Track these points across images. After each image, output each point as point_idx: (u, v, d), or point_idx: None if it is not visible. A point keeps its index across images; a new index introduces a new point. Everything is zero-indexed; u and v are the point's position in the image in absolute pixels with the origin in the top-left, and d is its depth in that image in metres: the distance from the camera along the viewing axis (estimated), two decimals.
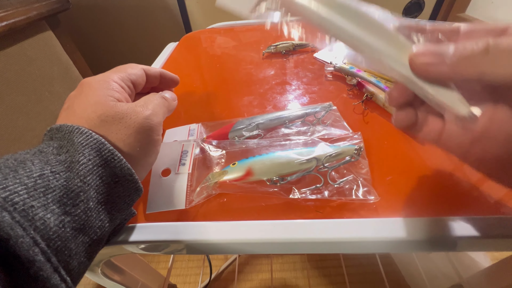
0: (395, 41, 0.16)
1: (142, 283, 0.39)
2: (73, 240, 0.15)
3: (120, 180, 0.18)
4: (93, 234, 0.16)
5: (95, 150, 0.17)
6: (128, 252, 0.23)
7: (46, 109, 0.68)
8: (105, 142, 0.18)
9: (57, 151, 0.17)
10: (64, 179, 0.15)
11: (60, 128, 0.18)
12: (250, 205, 0.22)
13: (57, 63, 0.73)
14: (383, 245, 0.20)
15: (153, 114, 0.22)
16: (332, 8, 0.17)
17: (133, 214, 0.21)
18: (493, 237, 0.19)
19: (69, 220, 0.15)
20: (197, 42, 0.55)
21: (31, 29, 0.65)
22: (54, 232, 0.14)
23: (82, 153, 0.17)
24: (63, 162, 0.16)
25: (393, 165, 0.24)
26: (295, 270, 0.67)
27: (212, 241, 0.20)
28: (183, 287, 0.51)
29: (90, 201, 0.16)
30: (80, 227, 0.15)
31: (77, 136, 0.17)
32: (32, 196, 0.14)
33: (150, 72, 0.28)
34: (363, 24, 0.16)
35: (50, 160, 0.16)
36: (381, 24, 0.16)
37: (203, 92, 0.38)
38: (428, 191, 0.22)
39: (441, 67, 0.14)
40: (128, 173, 0.18)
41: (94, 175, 0.17)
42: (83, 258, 0.16)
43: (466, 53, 0.13)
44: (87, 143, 0.17)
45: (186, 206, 0.22)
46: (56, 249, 0.14)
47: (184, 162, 0.25)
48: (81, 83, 0.22)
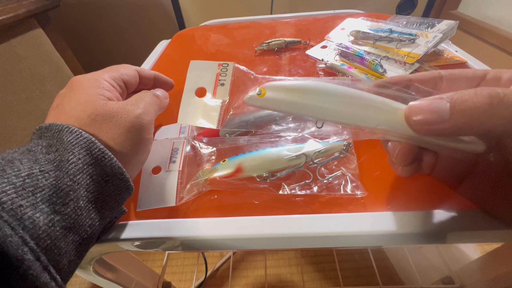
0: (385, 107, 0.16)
1: (136, 281, 0.39)
2: (63, 239, 0.15)
3: (111, 179, 0.18)
4: (83, 232, 0.16)
5: (85, 149, 0.17)
6: (120, 249, 0.23)
7: (37, 108, 0.67)
8: (95, 141, 0.18)
9: (46, 150, 0.17)
10: (53, 178, 0.15)
11: (50, 127, 0.18)
12: (240, 202, 0.22)
13: (48, 62, 0.72)
14: (370, 238, 0.20)
15: (144, 112, 0.22)
16: (305, 96, 0.17)
17: (123, 212, 0.21)
18: (481, 229, 0.19)
19: (58, 219, 0.15)
20: (190, 39, 0.54)
21: (20, 27, 0.64)
22: (43, 231, 0.14)
23: (71, 152, 0.16)
24: (52, 161, 0.16)
25: (381, 161, 0.25)
26: (290, 266, 0.68)
27: (204, 237, 0.20)
28: (179, 285, 0.51)
29: (80, 200, 0.16)
30: (70, 226, 0.15)
31: (67, 135, 0.17)
32: (20, 196, 0.14)
33: (144, 74, 0.27)
34: (346, 101, 0.16)
35: (39, 159, 0.16)
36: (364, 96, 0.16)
37: None
38: (415, 186, 0.23)
39: (441, 125, 0.14)
40: (119, 172, 0.18)
41: (84, 174, 0.17)
42: (73, 256, 0.16)
43: (467, 107, 0.13)
44: (76, 142, 0.17)
45: (177, 203, 0.22)
46: (45, 248, 0.14)
47: (174, 159, 0.25)
48: (71, 81, 0.22)
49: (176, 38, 0.55)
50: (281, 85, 0.17)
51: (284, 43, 0.45)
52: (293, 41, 0.46)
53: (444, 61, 0.38)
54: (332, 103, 0.16)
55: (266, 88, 0.18)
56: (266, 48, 0.45)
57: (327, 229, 0.20)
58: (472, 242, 0.21)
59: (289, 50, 0.46)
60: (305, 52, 0.44)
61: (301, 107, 0.17)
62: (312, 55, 0.43)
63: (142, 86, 0.28)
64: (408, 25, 0.39)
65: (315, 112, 0.17)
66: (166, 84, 0.30)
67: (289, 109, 0.17)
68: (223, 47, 0.49)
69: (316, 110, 0.17)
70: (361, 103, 0.16)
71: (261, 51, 0.46)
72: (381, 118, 0.16)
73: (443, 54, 0.39)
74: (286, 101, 0.17)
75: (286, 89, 0.17)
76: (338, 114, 0.16)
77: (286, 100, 0.17)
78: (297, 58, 0.43)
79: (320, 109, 0.16)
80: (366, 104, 0.16)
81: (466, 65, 0.37)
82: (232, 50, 0.48)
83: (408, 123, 0.15)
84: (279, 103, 0.17)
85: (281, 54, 0.45)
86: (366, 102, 0.16)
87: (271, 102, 0.18)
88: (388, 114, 0.16)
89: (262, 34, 0.52)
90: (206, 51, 0.49)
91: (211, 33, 0.56)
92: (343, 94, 0.16)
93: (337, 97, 0.16)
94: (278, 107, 0.17)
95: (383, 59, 0.37)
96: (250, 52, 0.46)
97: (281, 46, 0.45)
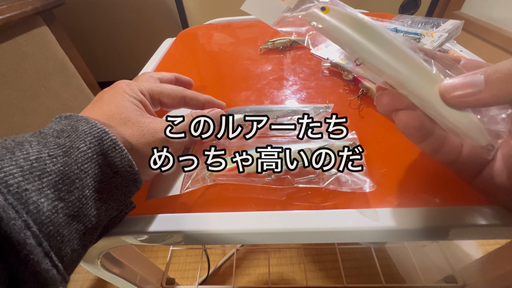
0: (422, 70, 0.16)
1: (141, 277, 0.39)
2: (66, 226, 0.15)
3: (120, 171, 0.18)
4: (88, 222, 0.16)
5: (97, 138, 0.17)
6: (127, 243, 0.23)
7: (42, 105, 0.68)
8: (109, 132, 0.18)
9: (57, 134, 0.17)
10: (61, 164, 0.15)
11: (70, 116, 0.18)
12: (246, 196, 0.23)
13: (52, 59, 0.72)
14: (375, 234, 0.21)
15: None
16: (363, 32, 0.17)
17: (133, 207, 0.22)
18: (485, 226, 0.19)
19: (62, 206, 0.15)
20: (194, 38, 0.55)
21: (26, 24, 0.65)
22: (46, 217, 0.14)
23: (83, 140, 0.17)
24: (61, 146, 0.16)
25: (388, 158, 0.25)
26: (292, 264, 0.68)
27: (209, 231, 0.21)
28: (182, 282, 0.51)
29: (86, 189, 0.16)
30: (73, 214, 0.15)
31: (83, 125, 0.18)
32: (27, 179, 0.14)
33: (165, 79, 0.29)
34: (392, 49, 0.17)
35: (49, 143, 0.16)
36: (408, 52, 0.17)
37: (200, 87, 0.38)
38: (421, 182, 0.23)
39: (477, 95, 0.14)
40: (128, 164, 0.18)
41: (93, 163, 0.17)
42: (77, 246, 0.16)
43: (502, 74, 0.14)
44: (90, 132, 0.17)
45: (181, 192, 0.22)
46: (48, 234, 0.14)
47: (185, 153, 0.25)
48: (115, 85, 0.24)
49: (181, 37, 0.55)
50: (347, 14, 0.17)
51: (289, 42, 0.45)
52: (298, 39, 0.46)
53: None
54: (386, 51, 0.17)
55: (331, 9, 0.18)
56: (271, 46, 0.45)
57: (334, 224, 0.20)
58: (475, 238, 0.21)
59: (294, 49, 0.46)
60: (310, 51, 0.44)
61: (357, 43, 0.17)
62: (317, 54, 0.43)
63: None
64: (413, 25, 0.39)
65: (367, 52, 0.17)
66: (188, 85, 0.32)
67: (344, 39, 0.17)
68: (227, 46, 0.50)
69: (369, 52, 0.17)
70: (409, 62, 0.16)
71: (265, 49, 0.46)
72: (419, 83, 0.16)
73: (448, 53, 0.39)
74: (344, 31, 0.17)
75: (350, 19, 0.17)
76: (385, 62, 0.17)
77: (344, 30, 0.17)
78: (302, 57, 0.43)
79: (372, 52, 0.17)
80: (412, 65, 0.16)
81: None
82: (237, 49, 0.48)
83: (443, 99, 0.15)
84: (338, 30, 0.17)
85: (286, 53, 0.45)
86: (413, 63, 0.16)
87: (330, 26, 0.17)
88: (428, 82, 0.16)
89: (266, 33, 0.52)
90: (211, 50, 0.49)
91: (215, 32, 0.56)
92: (398, 47, 0.17)
93: (392, 47, 0.17)
94: (334, 32, 0.17)
95: None
96: (255, 51, 0.46)
97: (286, 45, 0.45)
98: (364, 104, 0.32)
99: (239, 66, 0.43)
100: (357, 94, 0.32)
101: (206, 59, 0.47)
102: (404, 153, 0.25)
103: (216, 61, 0.45)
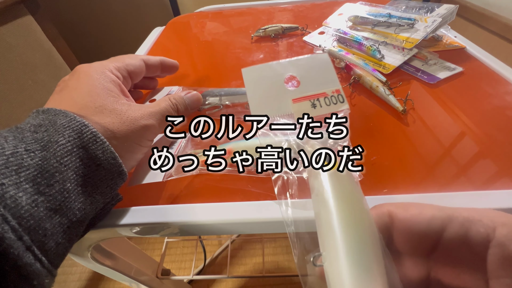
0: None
1: (136, 269, 0.39)
2: (48, 220, 0.15)
3: (102, 163, 0.18)
4: (72, 215, 0.16)
5: (77, 131, 0.17)
6: (117, 235, 0.23)
7: (30, 98, 0.66)
8: (88, 124, 0.17)
9: (35, 128, 0.16)
10: (39, 158, 0.15)
11: (48, 110, 0.18)
12: (234, 187, 0.22)
13: (39, 50, 0.70)
14: None
15: (154, 125, 0.22)
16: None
17: (119, 199, 0.21)
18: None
19: (42, 200, 0.15)
20: (185, 26, 0.53)
21: (8, 13, 0.62)
22: (26, 211, 0.14)
23: (62, 134, 0.16)
24: (39, 140, 0.16)
25: (378, 146, 0.25)
26: (287, 253, 0.69)
27: (202, 222, 0.21)
28: (178, 273, 0.52)
29: (68, 183, 0.16)
30: (55, 207, 0.15)
31: (61, 119, 0.17)
32: (2, 174, 0.13)
33: (150, 62, 0.28)
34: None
35: (26, 138, 0.16)
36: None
37: (191, 77, 0.37)
38: (411, 170, 0.23)
39: None
40: (111, 156, 0.18)
41: (73, 156, 0.16)
42: (61, 239, 0.16)
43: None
44: (69, 125, 0.17)
45: (164, 179, 0.22)
46: (28, 228, 0.14)
47: (173, 146, 0.25)
48: (77, 70, 0.22)
49: (171, 25, 0.53)
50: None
51: (281, 29, 0.44)
52: (291, 27, 0.45)
53: (443, 46, 0.37)
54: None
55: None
56: (262, 34, 0.44)
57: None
58: None
59: (286, 37, 0.45)
60: (302, 38, 0.43)
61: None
62: (309, 41, 0.42)
63: (149, 73, 0.28)
64: (407, 10, 0.38)
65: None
66: (173, 68, 0.31)
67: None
68: (219, 34, 0.48)
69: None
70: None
71: (257, 37, 0.45)
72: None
73: (442, 39, 0.39)
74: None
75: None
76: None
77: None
78: (294, 45, 0.42)
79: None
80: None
81: (465, 51, 0.37)
82: (228, 37, 0.47)
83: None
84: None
85: (278, 40, 0.44)
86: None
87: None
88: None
89: (258, 20, 0.51)
90: (202, 39, 0.48)
91: (206, 20, 0.55)
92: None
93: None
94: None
95: (381, 45, 0.36)
96: (246, 39, 0.45)
97: (278, 33, 0.44)
98: (356, 92, 0.31)
99: (230, 54, 0.42)
100: (349, 82, 0.32)
101: (197, 48, 0.45)
102: (395, 141, 0.25)
103: (207, 50, 0.44)
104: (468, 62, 0.35)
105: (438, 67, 0.33)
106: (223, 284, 0.67)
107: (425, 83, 0.32)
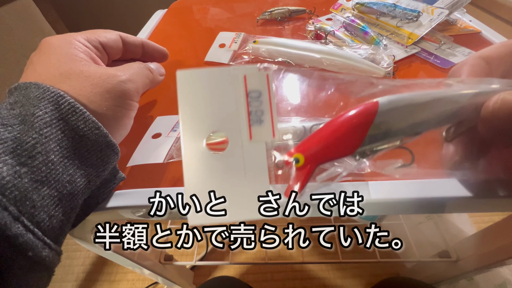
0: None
1: (139, 254, 0.40)
2: (35, 191, 0.15)
3: (86, 134, 0.17)
4: (62, 187, 0.16)
5: (53, 103, 0.16)
6: (120, 218, 0.22)
7: None
8: (64, 95, 0.17)
9: (11, 106, 0.16)
10: (17, 131, 0.15)
11: (18, 86, 0.17)
12: None
13: (39, 33, 0.68)
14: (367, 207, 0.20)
15: (130, 79, 0.21)
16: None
17: (122, 178, 0.21)
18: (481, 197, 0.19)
19: (26, 171, 0.14)
20: (187, 9, 0.51)
21: None
22: (7, 181, 0.13)
23: (37, 106, 0.16)
24: (17, 115, 0.16)
25: None
26: None
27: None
28: (180, 259, 0.52)
29: (51, 154, 0.16)
30: (41, 179, 0.15)
31: (34, 91, 0.16)
32: None
33: (129, 40, 0.26)
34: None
35: (2, 114, 0.15)
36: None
37: (194, 62, 0.36)
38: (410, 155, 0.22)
39: None
40: (94, 126, 0.17)
41: (53, 128, 0.16)
42: (54, 212, 0.15)
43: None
44: (43, 97, 0.16)
45: (164, 161, 0.21)
46: (14, 199, 0.14)
47: (176, 129, 0.24)
48: (42, 42, 0.21)
49: (172, 9, 0.52)
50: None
51: (287, 12, 0.43)
52: (297, 10, 0.43)
53: (457, 30, 0.36)
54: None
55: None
56: (268, 17, 0.43)
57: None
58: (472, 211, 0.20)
59: (293, 20, 0.43)
60: (309, 21, 0.42)
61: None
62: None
63: (129, 54, 0.27)
64: None
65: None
66: (157, 53, 0.29)
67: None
68: (223, 17, 0.47)
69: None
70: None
71: (263, 20, 0.43)
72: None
73: (456, 23, 0.37)
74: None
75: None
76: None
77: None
78: (301, 28, 0.41)
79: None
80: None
81: (480, 35, 0.35)
82: (233, 20, 0.45)
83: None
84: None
85: (284, 24, 0.42)
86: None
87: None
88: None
89: (264, 2, 0.49)
90: (205, 24, 0.46)
91: (209, 3, 0.53)
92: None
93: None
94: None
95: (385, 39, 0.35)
96: (252, 21, 0.44)
97: (285, 15, 0.43)
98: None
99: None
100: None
101: (200, 31, 0.44)
102: None
103: (211, 33, 0.42)
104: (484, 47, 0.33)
105: (452, 51, 0.32)
106: (225, 271, 0.68)
107: (438, 67, 0.30)
